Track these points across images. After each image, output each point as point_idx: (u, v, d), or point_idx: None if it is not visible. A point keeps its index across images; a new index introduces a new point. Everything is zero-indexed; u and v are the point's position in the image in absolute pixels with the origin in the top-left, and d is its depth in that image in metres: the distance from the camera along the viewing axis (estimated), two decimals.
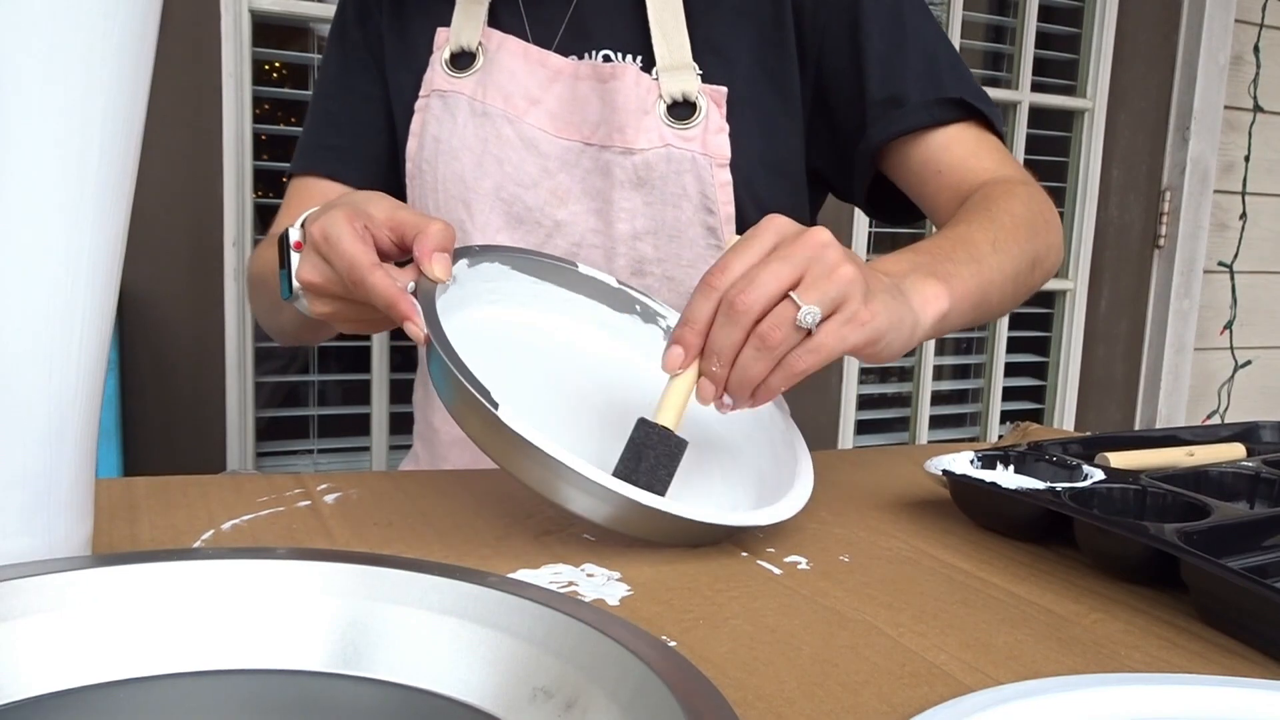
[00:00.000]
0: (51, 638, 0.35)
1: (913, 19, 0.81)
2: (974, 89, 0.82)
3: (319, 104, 0.92)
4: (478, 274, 0.65)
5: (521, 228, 0.81)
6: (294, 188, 0.91)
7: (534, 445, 0.51)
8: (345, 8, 0.91)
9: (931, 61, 0.81)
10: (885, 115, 0.79)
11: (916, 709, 0.37)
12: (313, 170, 0.90)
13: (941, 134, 0.80)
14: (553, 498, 0.52)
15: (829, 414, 2.04)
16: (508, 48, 0.82)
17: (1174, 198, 2.27)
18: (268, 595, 0.38)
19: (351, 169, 0.89)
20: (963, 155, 0.80)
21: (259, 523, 0.56)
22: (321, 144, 0.90)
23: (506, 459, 0.52)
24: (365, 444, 1.68)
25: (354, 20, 0.90)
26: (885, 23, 0.80)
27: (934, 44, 0.82)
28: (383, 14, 0.88)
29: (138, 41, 0.41)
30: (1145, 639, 0.46)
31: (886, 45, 0.80)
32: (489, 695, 0.35)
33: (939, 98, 0.80)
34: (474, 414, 0.53)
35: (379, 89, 0.89)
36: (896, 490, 0.70)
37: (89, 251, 0.41)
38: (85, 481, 0.44)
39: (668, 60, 0.79)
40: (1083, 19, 2.18)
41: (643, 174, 0.78)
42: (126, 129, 0.41)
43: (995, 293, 0.70)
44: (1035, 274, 0.76)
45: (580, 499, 0.52)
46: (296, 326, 0.81)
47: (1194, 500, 0.56)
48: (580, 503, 0.52)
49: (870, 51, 0.79)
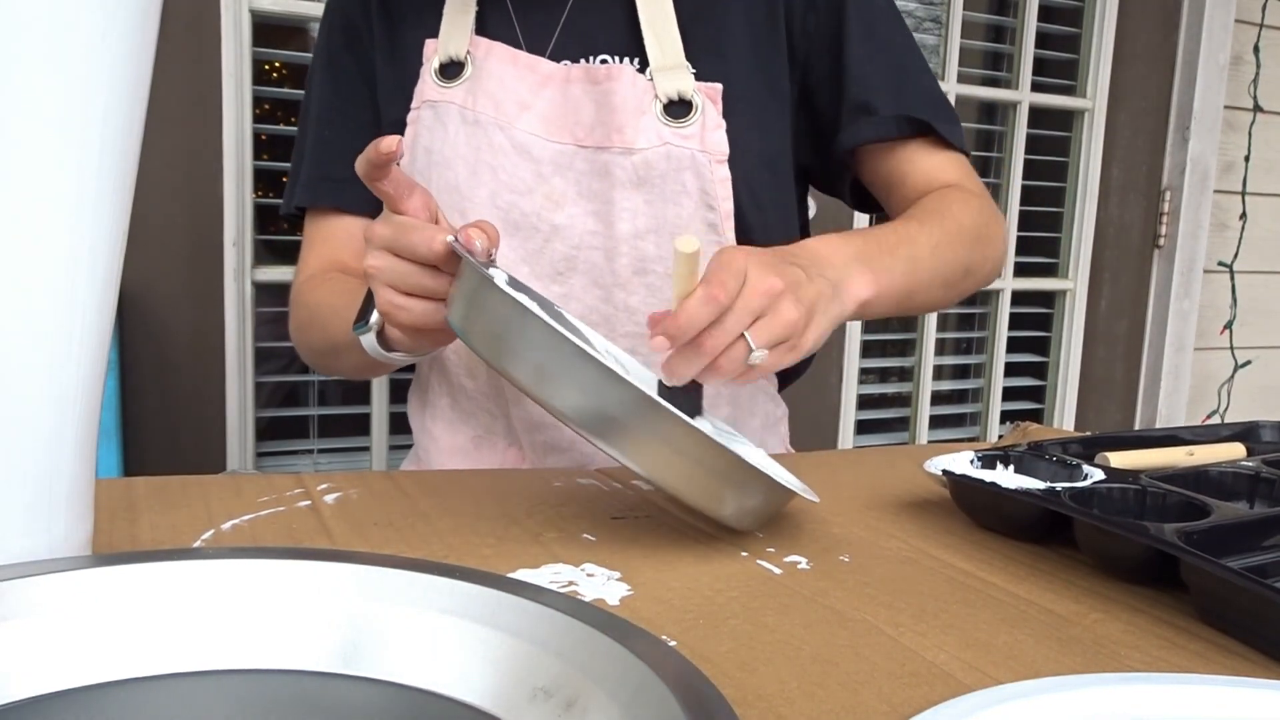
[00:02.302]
0: (51, 638, 0.35)
1: (888, 33, 0.86)
2: (938, 106, 0.87)
3: (317, 133, 0.90)
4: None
5: (519, 234, 0.81)
6: (311, 224, 0.91)
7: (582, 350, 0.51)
8: (331, 34, 0.90)
9: (901, 76, 0.86)
10: (855, 122, 0.84)
11: (916, 709, 0.37)
12: (322, 203, 0.89)
13: (907, 147, 0.86)
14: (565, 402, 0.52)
15: (829, 414, 2.04)
16: (496, 54, 0.82)
17: (1174, 198, 2.27)
18: (268, 595, 0.38)
19: (363, 199, 0.88)
20: (926, 169, 0.86)
21: (259, 523, 0.56)
22: (327, 176, 0.89)
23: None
24: (365, 444, 1.68)
25: (341, 46, 0.89)
26: (864, 34, 0.84)
27: (905, 59, 0.87)
28: (372, 32, 0.87)
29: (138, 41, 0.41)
30: (1145, 639, 0.46)
31: (863, 55, 0.84)
32: (489, 695, 0.35)
33: (905, 114, 0.84)
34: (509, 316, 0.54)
35: (374, 114, 0.88)
36: (896, 490, 0.70)
37: (89, 251, 0.41)
38: (85, 481, 0.44)
39: (661, 61, 0.79)
40: (1083, 19, 2.18)
41: (643, 173, 0.78)
42: (126, 129, 0.41)
43: (922, 293, 0.77)
44: (967, 281, 0.83)
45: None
46: (354, 367, 0.82)
47: (1194, 500, 0.56)
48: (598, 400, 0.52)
49: (849, 59, 0.84)
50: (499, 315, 0.55)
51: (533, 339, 0.53)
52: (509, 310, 0.54)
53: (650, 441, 0.52)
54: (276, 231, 1.61)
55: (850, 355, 2.04)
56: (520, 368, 0.53)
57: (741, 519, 0.57)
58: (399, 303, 0.64)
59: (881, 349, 2.19)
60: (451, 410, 0.88)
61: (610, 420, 0.52)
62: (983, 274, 0.85)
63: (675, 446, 0.52)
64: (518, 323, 0.53)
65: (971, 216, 0.81)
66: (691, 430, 0.51)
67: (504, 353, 0.54)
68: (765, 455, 0.67)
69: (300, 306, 0.88)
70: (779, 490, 0.56)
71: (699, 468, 0.53)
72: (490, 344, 0.55)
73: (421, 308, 0.64)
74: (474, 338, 0.57)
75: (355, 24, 0.88)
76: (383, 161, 0.62)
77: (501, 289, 0.54)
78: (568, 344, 0.51)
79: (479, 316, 0.57)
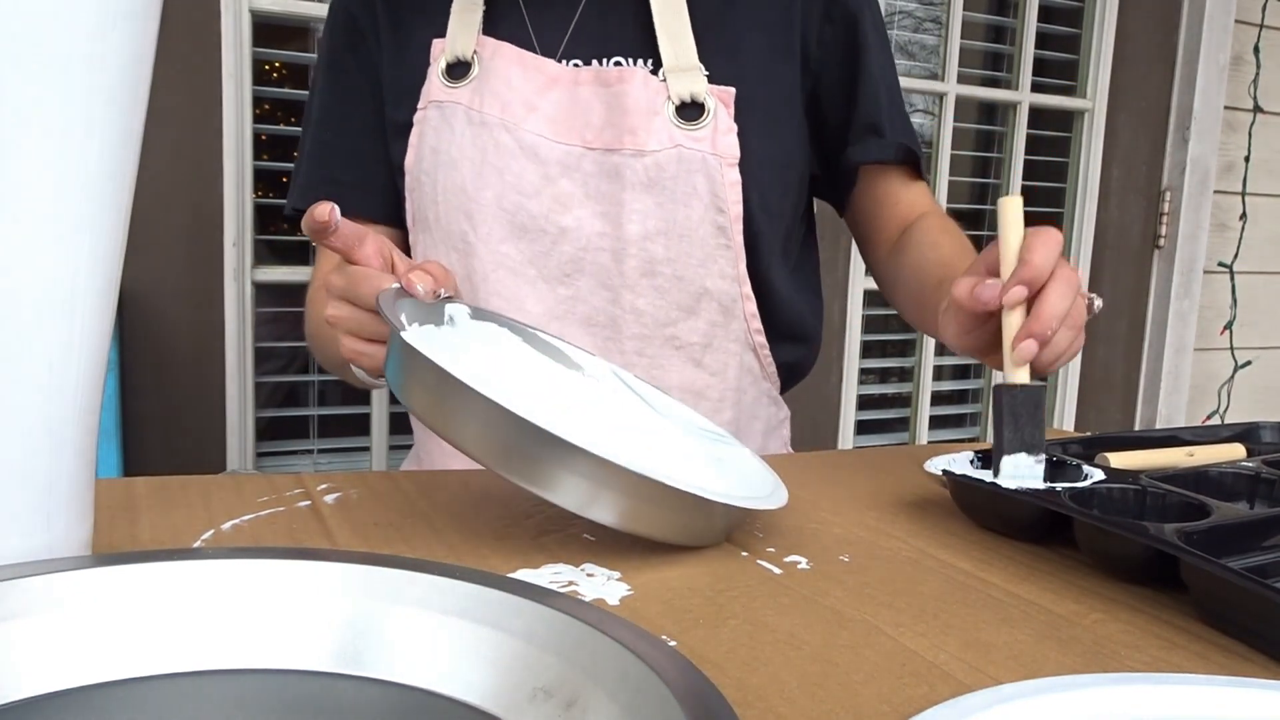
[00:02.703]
0: (51, 638, 0.35)
1: (887, 57, 0.91)
2: (915, 139, 0.93)
3: (319, 136, 0.90)
4: (479, 330, 0.67)
5: (526, 236, 0.81)
6: None
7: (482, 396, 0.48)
8: (335, 36, 0.90)
9: (895, 103, 0.91)
10: (864, 140, 0.88)
11: (916, 709, 0.37)
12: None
13: (898, 171, 0.92)
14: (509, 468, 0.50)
15: (829, 414, 2.04)
16: (503, 55, 0.81)
17: (1174, 198, 2.27)
18: (268, 595, 0.38)
19: (366, 202, 0.88)
20: (912, 195, 0.93)
21: (259, 523, 0.56)
22: (330, 179, 0.89)
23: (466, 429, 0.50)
24: (365, 444, 1.68)
25: (345, 48, 0.89)
26: (876, 53, 0.88)
27: (895, 85, 0.92)
28: (377, 32, 0.87)
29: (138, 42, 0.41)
30: (1145, 639, 0.46)
31: (876, 73, 0.88)
32: (489, 695, 0.35)
33: (900, 141, 0.89)
34: (419, 374, 0.52)
35: (376, 115, 0.88)
36: (896, 490, 0.70)
37: (89, 251, 0.41)
38: (85, 481, 0.44)
39: (674, 62, 0.79)
40: (1083, 19, 2.18)
41: (654, 175, 0.78)
42: (126, 129, 0.41)
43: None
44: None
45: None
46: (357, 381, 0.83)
47: (1194, 500, 0.56)
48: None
49: (865, 75, 0.87)
50: (427, 383, 0.52)
51: (424, 378, 0.51)
52: (435, 376, 0.51)
53: (568, 477, 0.50)
54: (276, 231, 1.61)
55: (850, 355, 2.04)
56: (459, 432, 0.51)
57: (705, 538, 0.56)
58: (360, 349, 0.66)
59: (881, 349, 2.18)
60: None
61: (554, 478, 0.49)
62: None
63: (598, 481, 0.50)
64: (445, 388, 0.50)
65: (962, 236, 0.88)
66: (603, 462, 0.49)
67: (441, 418, 0.51)
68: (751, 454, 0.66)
69: (310, 318, 0.89)
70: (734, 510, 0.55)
71: (625, 498, 0.51)
72: (427, 409, 0.52)
73: (382, 353, 0.65)
74: (412, 402, 0.54)
75: (359, 24, 0.88)
76: (319, 229, 0.64)
77: (421, 354, 0.51)
78: (457, 382, 0.49)
79: (410, 380, 0.54)
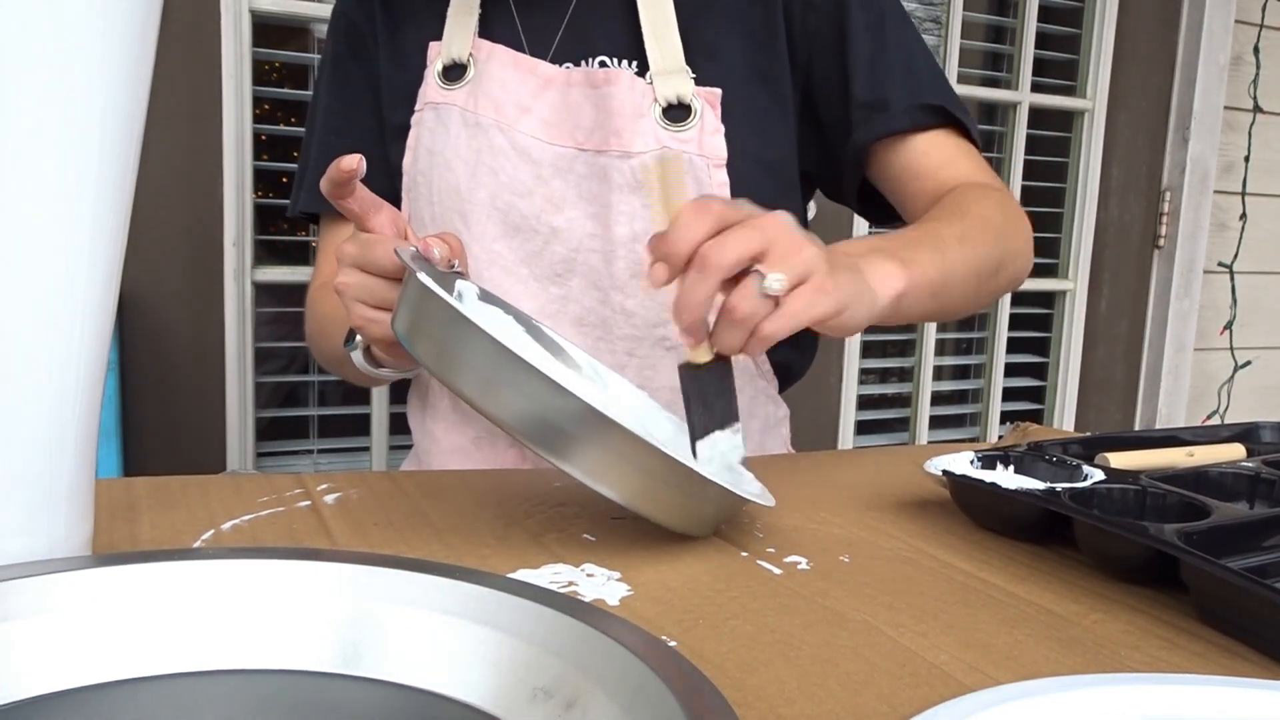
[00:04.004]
0: (51, 638, 0.35)
1: (894, 26, 0.84)
2: (952, 96, 0.85)
3: (321, 139, 0.90)
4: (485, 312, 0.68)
5: (518, 236, 0.81)
6: (323, 231, 0.93)
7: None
8: (336, 39, 0.90)
9: (911, 68, 0.84)
10: (869, 118, 0.82)
11: (916, 709, 0.37)
12: (324, 209, 0.90)
13: (921, 139, 0.83)
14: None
15: (829, 414, 2.04)
16: (497, 57, 0.82)
17: (1174, 198, 2.27)
18: (268, 595, 0.38)
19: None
20: (940, 161, 0.83)
21: (259, 523, 0.56)
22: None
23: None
24: (365, 444, 1.68)
25: (346, 52, 0.89)
26: (869, 29, 0.83)
27: (914, 51, 0.85)
28: (376, 35, 0.88)
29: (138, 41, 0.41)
30: (1145, 639, 0.46)
31: (870, 50, 0.82)
32: (489, 695, 0.35)
33: (919, 103, 0.82)
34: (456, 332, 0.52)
35: (378, 120, 0.89)
36: (896, 490, 0.70)
37: (89, 251, 0.41)
38: (85, 482, 0.44)
39: (661, 64, 0.79)
40: (1083, 19, 2.18)
41: (640, 177, 0.78)
42: (126, 129, 0.41)
43: (957, 285, 0.71)
44: (1000, 277, 0.79)
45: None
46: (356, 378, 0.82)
47: (1194, 500, 0.56)
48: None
49: (855, 56, 0.82)
50: (438, 322, 0.53)
51: (474, 347, 0.51)
52: (447, 316, 0.52)
53: (595, 451, 0.50)
54: (276, 231, 1.61)
55: (850, 355, 2.04)
56: (463, 376, 0.52)
57: (700, 526, 0.57)
58: (370, 316, 0.66)
59: (881, 349, 2.19)
60: (452, 411, 0.88)
61: (555, 431, 0.50)
62: (1016, 269, 0.81)
63: (623, 456, 0.51)
64: (456, 330, 0.51)
65: (996, 209, 0.78)
66: (635, 439, 0.50)
67: (446, 362, 0.52)
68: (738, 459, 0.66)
69: (311, 317, 0.89)
70: (731, 497, 0.55)
71: (650, 478, 0.51)
72: (433, 353, 0.53)
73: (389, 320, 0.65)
74: (418, 346, 0.55)
75: (359, 28, 0.89)
76: (344, 179, 0.62)
77: (439, 295, 0.52)
78: (505, 351, 0.49)
79: (421, 323, 0.55)
